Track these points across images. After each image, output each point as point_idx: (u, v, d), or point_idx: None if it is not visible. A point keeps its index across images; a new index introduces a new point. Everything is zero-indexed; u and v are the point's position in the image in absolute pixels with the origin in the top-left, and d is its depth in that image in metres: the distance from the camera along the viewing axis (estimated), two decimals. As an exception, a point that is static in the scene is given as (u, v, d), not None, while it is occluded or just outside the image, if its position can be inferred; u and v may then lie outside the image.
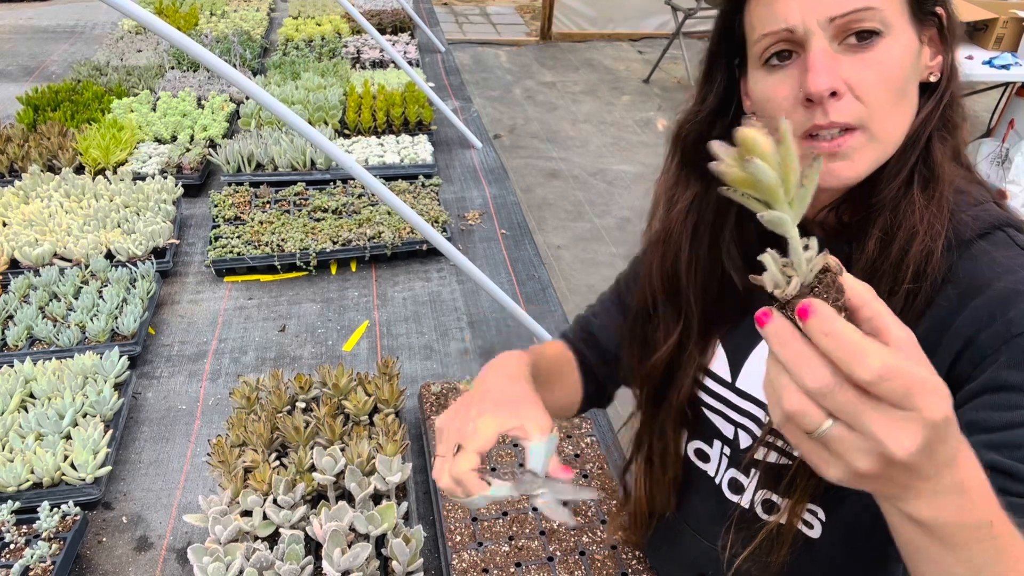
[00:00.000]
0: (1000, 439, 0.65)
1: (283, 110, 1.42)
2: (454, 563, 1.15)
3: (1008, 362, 0.66)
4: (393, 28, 3.89)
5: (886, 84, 0.68)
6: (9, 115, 2.84)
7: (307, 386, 1.43)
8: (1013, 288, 0.68)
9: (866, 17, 0.67)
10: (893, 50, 0.68)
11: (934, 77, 0.73)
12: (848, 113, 0.68)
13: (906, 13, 0.69)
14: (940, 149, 0.71)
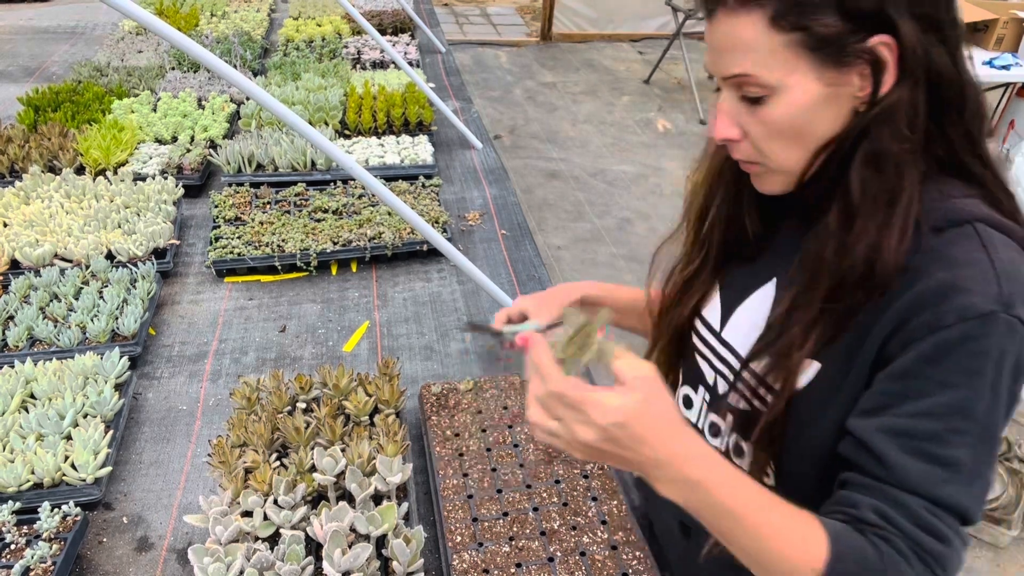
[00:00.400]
0: (893, 424, 0.73)
1: (283, 111, 1.42)
2: (454, 564, 1.15)
3: (926, 353, 0.72)
4: (393, 29, 3.89)
5: (773, 135, 0.78)
6: (10, 116, 2.84)
7: (308, 387, 1.43)
8: (952, 282, 0.71)
9: (744, 82, 0.76)
10: (778, 106, 0.76)
11: (862, 108, 0.76)
12: (744, 154, 0.82)
13: (804, 64, 0.73)
14: (858, 177, 0.76)
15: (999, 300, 0.70)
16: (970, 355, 0.70)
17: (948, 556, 0.71)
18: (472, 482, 1.30)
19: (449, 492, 1.28)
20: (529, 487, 1.29)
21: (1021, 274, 0.73)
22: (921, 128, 0.75)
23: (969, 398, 0.71)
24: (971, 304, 0.70)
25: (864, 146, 0.75)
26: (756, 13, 0.72)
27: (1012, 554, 2.61)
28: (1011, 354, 0.71)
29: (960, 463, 0.71)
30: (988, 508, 2.60)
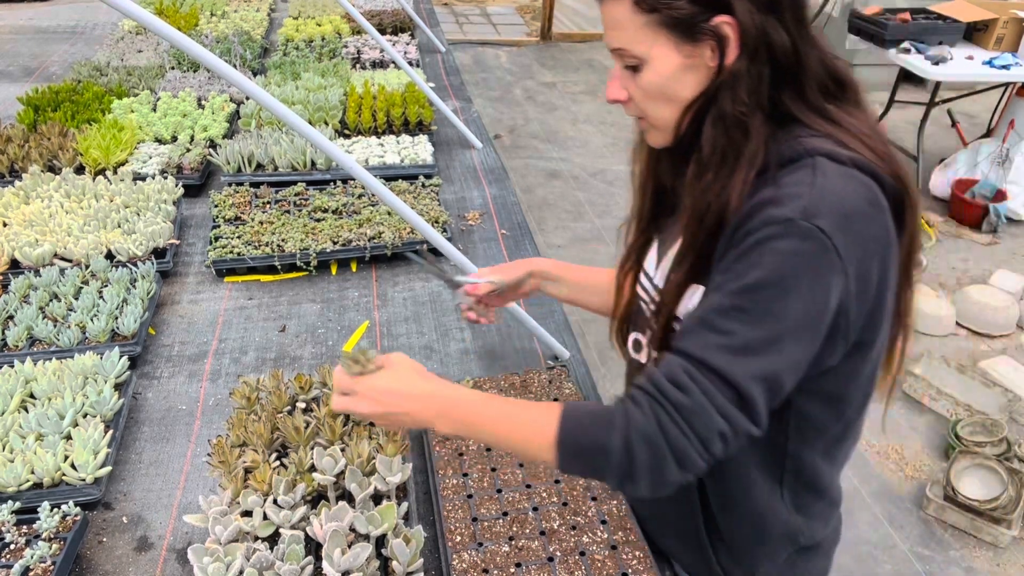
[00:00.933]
0: (701, 304, 0.89)
1: (283, 110, 1.42)
2: (454, 563, 1.15)
3: (737, 252, 0.85)
4: (393, 28, 3.89)
5: (647, 97, 0.94)
6: (9, 115, 2.84)
7: (307, 386, 1.43)
8: (770, 198, 0.84)
9: (622, 54, 0.93)
10: (647, 75, 0.92)
11: (715, 76, 0.89)
12: (632, 111, 0.99)
13: (664, 39, 0.88)
14: (708, 133, 0.90)
15: (802, 210, 0.80)
16: (767, 252, 0.82)
17: (687, 406, 0.83)
18: (472, 482, 1.30)
19: (449, 492, 1.28)
20: (529, 487, 1.29)
21: (837, 194, 0.82)
22: (764, 93, 0.88)
23: (757, 285, 0.82)
24: (777, 213, 0.82)
25: (712, 109, 0.89)
26: (625, 1, 0.88)
27: (1012, 554, 2.61)
28: (805, 256, 0.80)
29: (734, 333, 0.83)
30: (988, 508, 2.60)
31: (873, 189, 0.85)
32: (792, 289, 0.81)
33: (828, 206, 0.81)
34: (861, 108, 0.94)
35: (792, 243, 0.80)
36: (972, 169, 4.78)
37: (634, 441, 0.84)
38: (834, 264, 0.81)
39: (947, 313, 3.70)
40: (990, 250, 4.45)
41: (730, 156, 0.88)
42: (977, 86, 5.24)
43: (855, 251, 0.81)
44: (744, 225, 0.85)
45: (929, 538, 2.66)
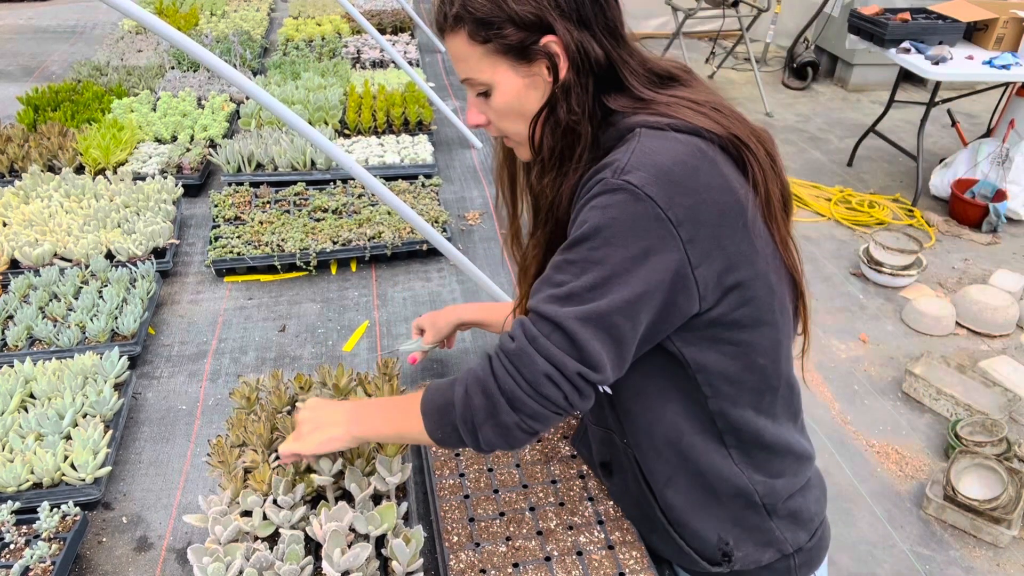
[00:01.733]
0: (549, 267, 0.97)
1: (283, 110, 1.42)
2: (451, 564, 1.15)
3: (572, 219, 0.95)
4: (393, 28, 3.89)
5: (501, 117, 1.04)
6: (9, 115, 2.84)
7: (307, 386, 1.43)
8: (599, 167, 0.94)
9: (470, 83, 1.03)
10: (496, 98, 1.01)
11: (545, 86, 0.99)
12: (494, 132, 1.09)
13: (503, 64, 0.98)
14: (546, 141, 1.01)
15: (615, 171, 0.90)
16: (588, 209, 0.91)
17: (513, 351, 0.92)
18: (468, 482, 1.30)
19: (446, 492, 1.28)
20: (526, 487, 1.29)
21: (650, 152, 0.91)
22: (589, 101, 0.98)
23: (581, 237, 0.91)
24: (597, 177, 0.92)
25: (549, 119, 1.00)
26: (460, 32, 0.98)
27: (1012, 554, 2.61)
28: (618, 206, 0.89)
29: (563, 284, 0.91)
30: (988, 508, 2.60)
31: (694, 143, 0.93)
32: (611, 238, 0.89)
33: (640, 163, 0.89)
34: (694, 87, 1.03)
35: (606, 198, 0.89)
36: (972, 169, 4.77)
37: (470, 388, 0.95)
38: (651, 212, 0.88)
39: (947, 313, 3.70)
40: (990, 250, 4.44)
41: (565, 158, 1.01)
42: (977, 86, 5.24)
43: (680, 200, 0.89)
44: (582, 195, 0.95)
45: (929, 538, 2.66)
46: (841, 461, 2.89)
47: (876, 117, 5.15)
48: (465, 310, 1.56)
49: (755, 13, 6.55)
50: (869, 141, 5.27)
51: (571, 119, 0.98)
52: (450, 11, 0.99)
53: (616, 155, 0.93)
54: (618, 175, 0.89)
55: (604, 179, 0.91)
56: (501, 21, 0.95)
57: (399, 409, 1.10)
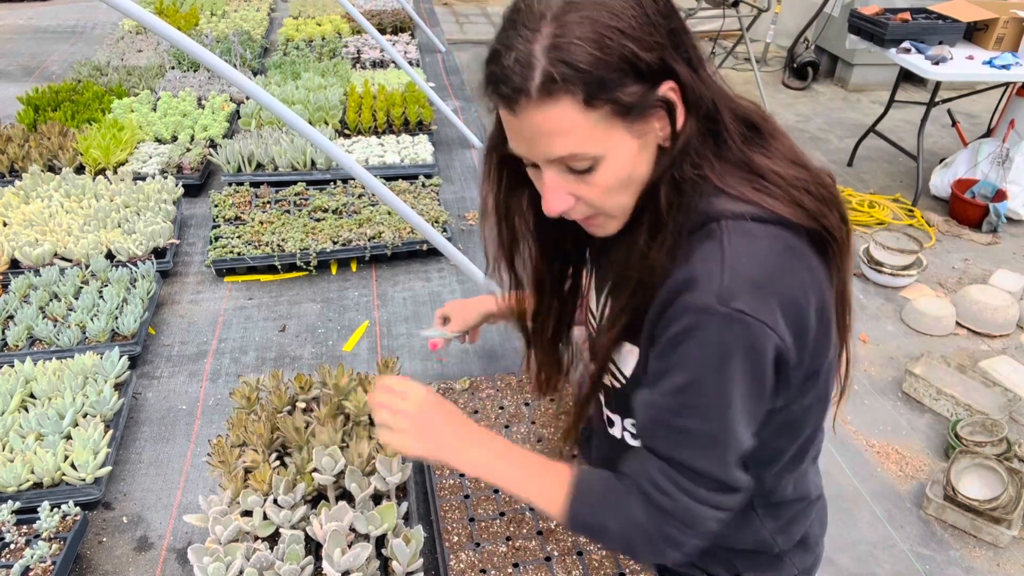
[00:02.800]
0: (648, 399, 0.89)
1: (283, 110, 1.42)
2: (451, 564, 1.15)
3: (668, 341, 0.84)
4: (393, 28, 3.89)
5: (605, 192, 0.84)
6: (9, 115, 2.84)
7: (307, 386, 1.43)
8: (686, 278, 0.82)
9: (572, 160, 0.81)
10: (606, 170, 0.82)
11: (665, 144, 0.84)
12: (582, 213, 0.88)
13: (619, 128, 0.80)
14: (666, 200, 0.84)
15: (718, 295, 0.79)
16: (695, 345, 0.81)
17: (675, 510, 0.88)
18: (469, 482, 1.30)
19: (446, 492, 1.28)
20: (528, 487, 1.29)
21: (747, 264, 0.80)
22: (709, 150, 0.85)
23: (697, 379, 0.83)
24: (695, 300, 0.80)
25: (668, 176, 0.84)
26: (566, 99, 0.76)
27: (1012, 554, 2.61)
28: (733, 341, 0.80)
29: (691, 431, 0.85)
30: (988, 508, 2.60)
31: (784, 237, 0.83)
32: (731, 376, 0.81)
33: (742, 281, 0.79)
34: (777, 139, 0.91)
35: (717, 332, 0.80)
36: (972, 169, 4.77)
37: (631, 531, 0.91)
38: (764, 334, 0.80)
39: (947, 313, 3.70)
40: (990, 250, 4.44)
41: (681, 219, 0.85)
42: (977, 86, 5.24)
43: (784, 310, 0.81)
44: (666, 311, 0.84)
45: (929, 538, 2.65)
46: (841, 461, 2.89)
47: (876, 117, 5.15)
48: (492, 302, 1.43)
49: (755, 13, 6.55)
50: (869, 141, 5.27)
51: (695, 173, 0.83)
52: (539, 73, 0.76)
53: (703, 263, 0.81)
54: (724, 301, 0.78)
55: (706, 305, 0.79)
56: (622, 76, 0.77)
57: (527, 487, 0.99)
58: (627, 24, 0.76)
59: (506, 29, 0.80)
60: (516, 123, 0.81)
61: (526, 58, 0.76)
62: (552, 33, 0.76)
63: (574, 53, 0.75)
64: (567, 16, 0.76)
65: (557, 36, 0.76)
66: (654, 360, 0.88)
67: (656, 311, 0.86)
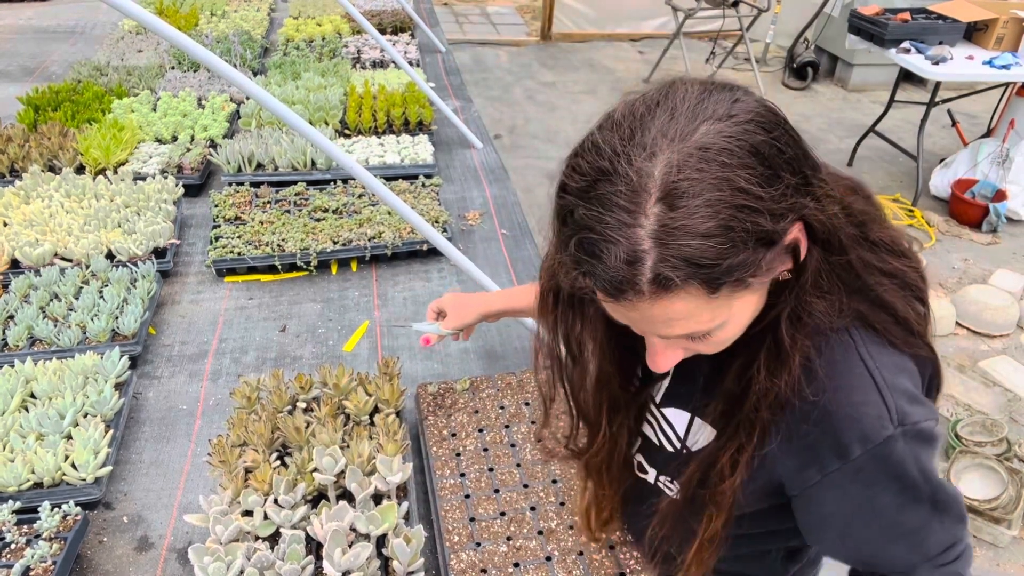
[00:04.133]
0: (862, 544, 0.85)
1: (283, 110, 1.42)
2: (452, 563, 1.15)
3: (847, 478, 0.79)
4: (393, 28, 3.89)
5: (723, 345, 0.77)
6: (9, 115, 2.84)
7: (308, 386, 1.43)
8: (845, 412, 0.77)
9: (695, 338, 0.74)
10: (728, 330, 0.74)
11: (784, 277, 0.75)
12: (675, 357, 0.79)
13: (743, 293, 0.69)
14: (787, 333, 0.76)
15: (892, 420, 0.76)
16: (887, 468, 0.78)
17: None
18: (469, 482, 1.30)
19: (446, 492, 1.28)
20: (526, 487, 1.29)
21: (899, 379, 0.79)
22: (833, 278, 0.78)
23: (904, 490, 0.80)
24: (869, 435, 0.77)
25: (791, 309, 0.76)
26: (683, 292, 0.65)
27: (1012, 554, 2.61)
28: (922, 448, 0.79)
29: (924, 520, 0.83)
30: (988, 508, 2.60)
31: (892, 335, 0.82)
32: (930, 472, 0.81)
33: (902, 396, 0.78)
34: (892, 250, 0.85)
35: (905, 451, 0.78)
36: (972, 169, 4.77)
37: None
38: (931, 425, 0.80)
39: (947, 313, 3.70)
40: (990, 250, 4.44)
41: (785, 367, 0.78)
42: (977, 86, 5.24)
43: (920, 392, 0.82)
44: (825, 444, 0.79)
45: (929, 538, 2.66)
46: (841, 461, 2.89)
47: (876, 117, 5.15)
48: (493, 300, 1.41)
49: (755, 13, 6.55)
50: (869, 141, 5.27)
51: (821, 304, 0.77)
52: (649, 270, 0.64)
53: (864, 395, 0.77)
54: (903, 422, 0.76)
55: (888, 436, 0.76)
56: (751, 255, 0.65)
57: None
58: (753, 196, 0.63)
59: (592, 198, 0.66)
60: (622, 308, 0.70)
61: (632, 253, 0.64)
62: (661, 219, 0.63)
63: (694, 248, 0.62)
64: (679, 199, 0.62)
65: (669, 226, 0.63)
66: (831, 502, 0.83)
67: (807, 447, 0.80)
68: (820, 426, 0.79)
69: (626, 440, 1.00)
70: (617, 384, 0.94)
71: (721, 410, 0.84)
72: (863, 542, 0.86)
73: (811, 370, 0.78)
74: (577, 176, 0.69)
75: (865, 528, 0.84)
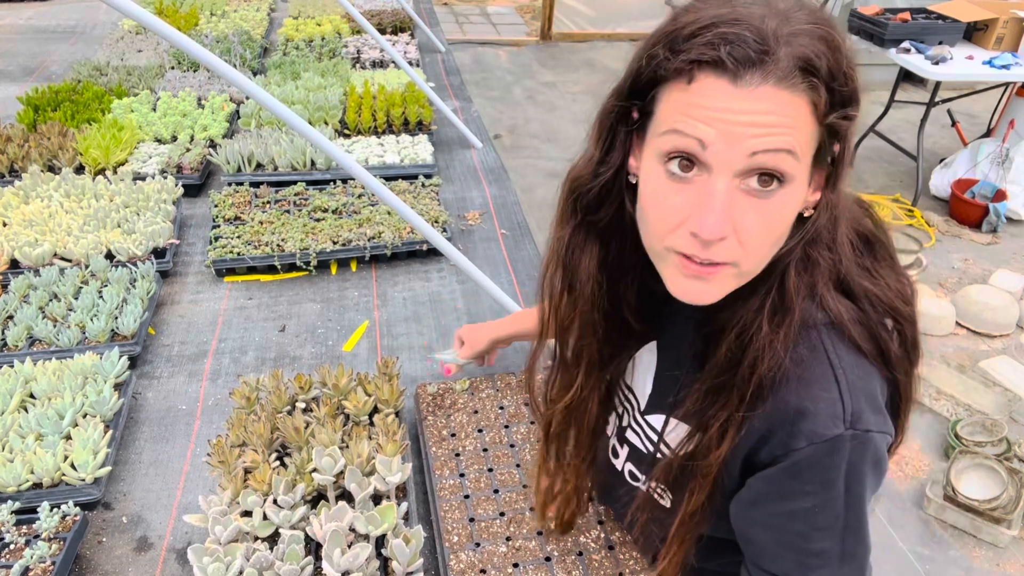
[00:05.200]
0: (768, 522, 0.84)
1: (283, 110, 1.42)
2: (451, 564, 1.15)
3: (786, 468, 0.79)
4: (393, 28, 3.89)
5: (769, 234, 0.72)
6: (9, 115, 2.84)
7: (307, 386, 1.43)
8: (802, 406, 0.77)
9: (781, 164, 0.68)
10: (787, 202, 0.71)
11: (808, 213, 0.77)
12: (727, 255, 0.71)
13: (809, 164, 0.71)
14: (794, 282, 0.76)
15: (845, 420, 0.76)
16: (822, 470, 0.78)
17: None
18: (468, 482, 1.30)
19: (446, 492, 1.28)
20: (526, 487, 1.29)
21: (859, 381, 0.79)
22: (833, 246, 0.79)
23: (825, 502, 0.79)
24: (817, 430, 0.77)
25: (803, 250, 0.76)
26: (805, 99, 0.67)
27: (1012, 554, 2.61)
28: (865, 459, 0.78)
29: (826, 552, 0.81)
30: (988, 508, 2.60)
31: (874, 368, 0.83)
32: (863, 492, 0.80)
33: (862, 400, 0.78)
34: (890, 265, 0.88)
35: (847, 456, 0.77)
36: (972, 169, 4.77)
37: None
38: (884, 442, 0.80)
39: (947, 313, 3.70)
40: (990, 250, 4.44)
41: (785, 321, 0.77)
42: (977, 86, 5.24)
43: (882, 409, 0.81)
44: (778, 433, 0.79)
45: (929, 538, 2.65)
46: (841, 461, 2.89)
47: (876, 117, 5.15)
48: (499, 327, 1.49)
49: (755, 13, 6.55)
50: (869, 141, 5.27)
51: (832, 257, 0.79)
52: (796, 52, 0.66)
53: (819, 390, 0.77)
54: (853, 426, 0.77)
55: (836, 435, 0.76)
56: (850, 104, 0.70)
57: None
58: (851, 59, 0.70)
59: (748, 4, 0.69)
60: (727, 97, 0.66)
61: (784, 34, 0.66)
62: (813, 28, 0.68)
63: (829, 59, 0.67)
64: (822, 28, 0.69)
65: (814, 32, 0.68)
66: (766, 482, 0.83)
67: (760, 430, 0.81)
68: (774, 415, 0.79)
69: (596, 409, 1.01)
70: (600, 334, 0.92)
71: (708, 387, 0.83)
72: (771, 528, 0.84)
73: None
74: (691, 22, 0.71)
75: (772, 511, 0.83)
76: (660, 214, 0.74)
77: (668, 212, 0.73)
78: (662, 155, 0.72)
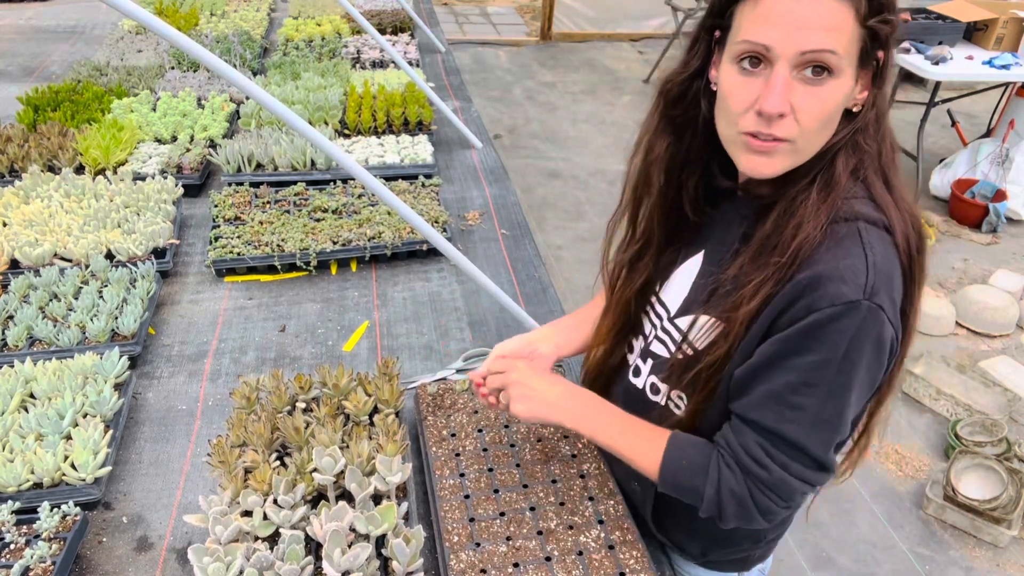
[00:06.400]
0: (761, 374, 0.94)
1: (283, 110, 1.42)
2: (452, 564, 1.15)
3: (802, 327, 0.89)
4: (393, 28, 3.89)
5: (820, 115, 0.89)
6: (9, 115, 2.84)
7: (307, 386, 1.43)
8: (831, 272, 0.88)
9: (826, 59, 0.86)
10: (835, 90, 0.88)
11: (856, 108, 0.94)
12: (786, 131, 0.90)
13: (855, 61, 0.89)
14: (843, 163, 0.93)
15: (865, 290, 0.87)
16: (833, 331, 0.88)
17: (770, 481, 0.95)
18: (469, 482, 1.30)
19: (446, 492, 1.28)
20: (526, 487, 1.29)
21: (885, 268, 0.89)
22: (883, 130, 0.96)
23: (825, 361, 0.89)
24: (841, 292, 0.87)
25: (853, 138, 0.93)
26: (848, 6, 0.86)
27: (1012, 554, 2.61)
28: (871, 333, 0.88)
29: (805, 408, 0.91)
30: (988, 508, 2.60)
31: (894, 247, 0.93)
32: (858, 362, 0.89)
33: (882, 282, 0.88)
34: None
35: (858, 323, 0.87)
36: (972, 169, 4.77)
37: (724, 498, 0.99)
38: (890, 329, 0.90)
39: (947, 313, 3.70)
40: (990, 250, 4.44)
41: (830, 196, 0.92)
42: (977, 86, 5.24)
43: (897, 307, 0.91)
44: (805, 297, 0.89)
45: (929, 538, 2.66)
46: (841, 461, 2.89)
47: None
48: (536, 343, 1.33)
49: (755, 13, 6.55)
50: (869, 141, 5.26)
51: (871, 148, 0.95)
52: None
53: (849, 260, 0.88)
54: (870, 297, 0.87)
55: (853, 300, 0.86)
56: (890, 13, 0.91)
57: (628, 442, 1.09)
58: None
59: None
60: (795, 4, 0.86)
61: None
62: None
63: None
64: None
65: None
66: (778, 342, 0.92)
67: (787, 299, 0.91)
68: (804, 281, 0.89)
69: (638, 284, 1.19)
70: (660, 216, 1.13)
71: (752, 254, 0.96)
72: (767, 380, 0.94)
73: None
74: None
75: (773, 365, 0.93)
76: (735, 100, 0.92)
77: (741, 98, 0.91)
78: (735, 57, 0.91)
